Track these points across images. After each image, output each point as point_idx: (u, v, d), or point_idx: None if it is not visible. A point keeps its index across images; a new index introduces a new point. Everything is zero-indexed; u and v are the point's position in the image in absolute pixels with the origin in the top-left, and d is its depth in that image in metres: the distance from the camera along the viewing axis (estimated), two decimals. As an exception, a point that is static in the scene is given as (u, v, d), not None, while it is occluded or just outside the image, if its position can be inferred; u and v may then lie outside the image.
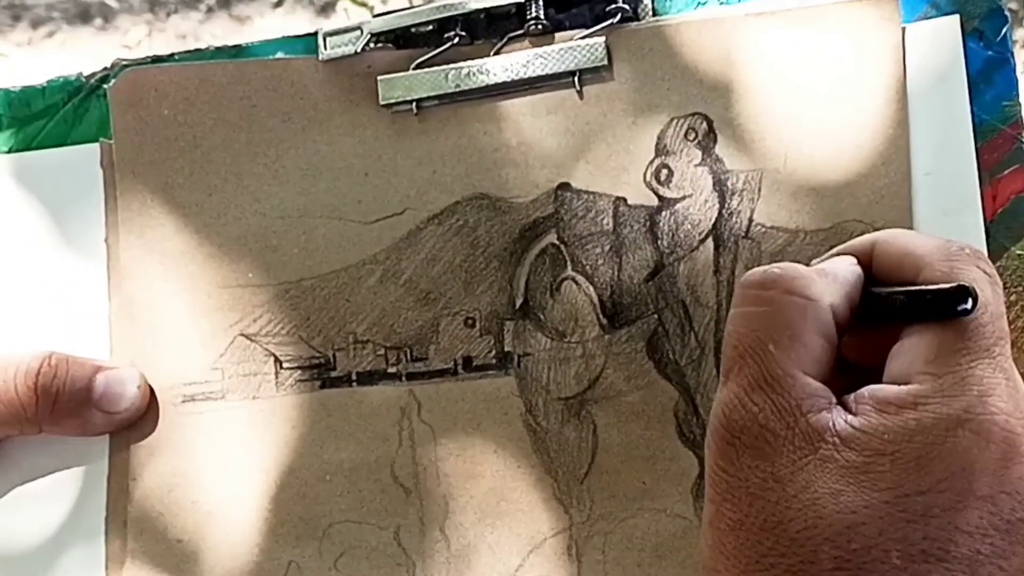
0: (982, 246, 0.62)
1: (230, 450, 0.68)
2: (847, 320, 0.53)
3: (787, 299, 0.51)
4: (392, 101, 0.69)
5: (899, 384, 0.50)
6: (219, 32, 1.83)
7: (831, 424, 0.49)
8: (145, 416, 0.69)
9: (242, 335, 0.69)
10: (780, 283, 0.52)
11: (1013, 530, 0.48)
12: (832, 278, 0.53)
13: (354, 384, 0.68)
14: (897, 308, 0.52)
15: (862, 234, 0.61)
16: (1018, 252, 0.63)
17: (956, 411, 0.48)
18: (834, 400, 0.50)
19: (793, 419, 0.49)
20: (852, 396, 0.50)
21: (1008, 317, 0.57)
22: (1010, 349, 0.51)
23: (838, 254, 0.56)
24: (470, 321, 0.67)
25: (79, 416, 0.67)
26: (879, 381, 0.51)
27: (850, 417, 0.49)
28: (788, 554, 0.48)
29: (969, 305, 0.49)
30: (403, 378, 0.67)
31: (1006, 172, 0.64)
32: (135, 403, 0.68)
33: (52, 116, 0.73)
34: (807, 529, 0.48)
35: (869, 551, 0.47)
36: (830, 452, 0.49)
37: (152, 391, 0.69)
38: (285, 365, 0.68)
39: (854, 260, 0.55)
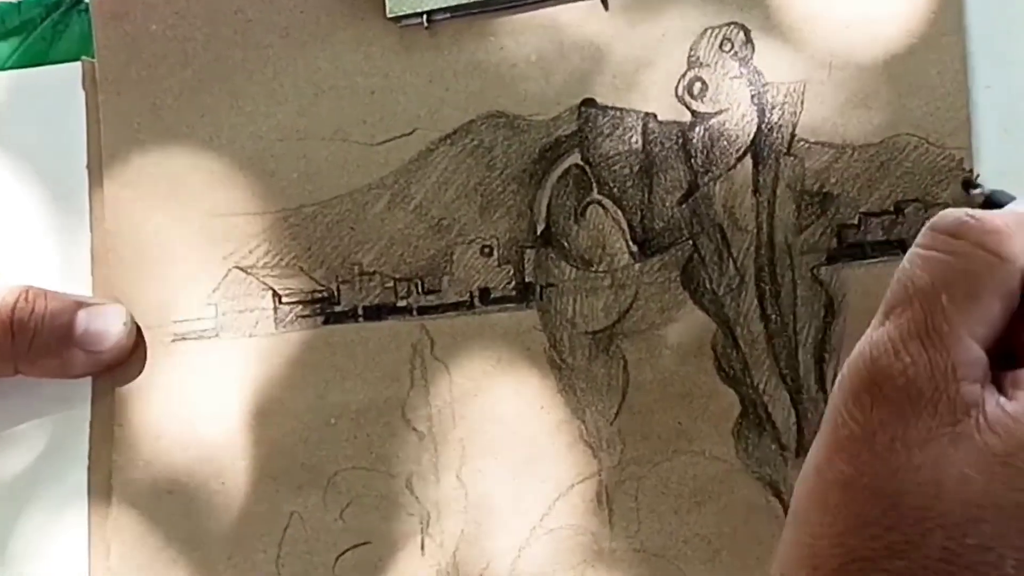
0: None
1: (225, 392, 0.65)
2: None
3: (975, 253, 0.46)
4: (400, 13, 0.65)
5: None
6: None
7: (981, 400, 0.45)
8: (131, 356, 0.66)
9: (237, 267, 0.66)
10: (972, 234, 0.47)
11: None
12: None
13: (360, 319, 0.64)
14: None
15: (915, 148, 0.59)
16: (1085, 173, 0.59)
17: None
18: (990, 373, 0.46)
19: (944, 382, 0.45)
20: (1011, 375, 0.46)
21: None
22: None
23: None
24: (487, 249, 0.64)
25: (59, 356, 0.64)
26: None
27: (1003, 399, 0.45)
28: (895, 529, 0.44)
29: None
30: (414, 312, 0.64)
31: (1074, 83, 0.60)
32: (120, 341, 0.65)
33: (29, 33, 0.70)
34: (922, 509, 0.44)
35: (984, 551, 0.43)
36: (971, 430, 0.44)
37: (139, 329, 0.66)
38: (284, 300, 0.65)
39: None
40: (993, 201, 0.56)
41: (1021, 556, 0.43)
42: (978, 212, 0.48)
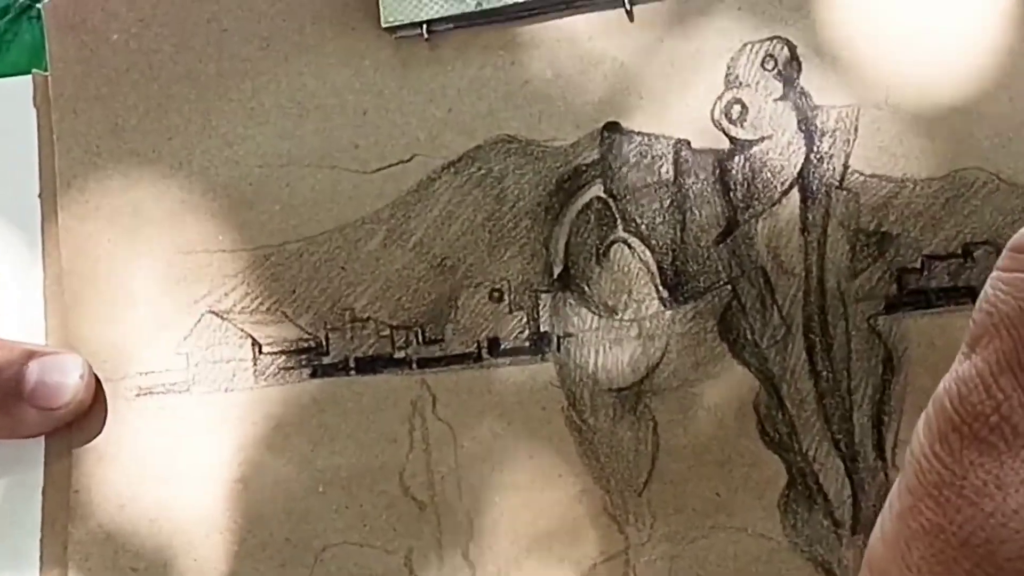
0: None
1: (197, 455, 0.60)
2: None
3: None
4: (397, 23, 0.61)
5: None
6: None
7: None
8: (90, 413, 0.61)
9: (211, 312, 0.61)
10: None
11: None
12: None
13: (352, 372, 0.60)
14: None
15: (984, 184, 0.57)
16: None
17: None
18: None
19: None
20: None
21: None
22: None
23: None
24: (496, 294, 0.60)
25: (7, 413, 0.60)
26: None
27: None
28: None
29: None
30: (413, 365, 0.60)
31: None
32: (77, 396, 0.60)
33: None
34: (1021, 559, 0.41)
35: None
36: None
37: (99, 382, 0.61)
38: (265, 349, 0.61)
39: None
40: None
41: None
42: None
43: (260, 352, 0.60)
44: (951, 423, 0.43)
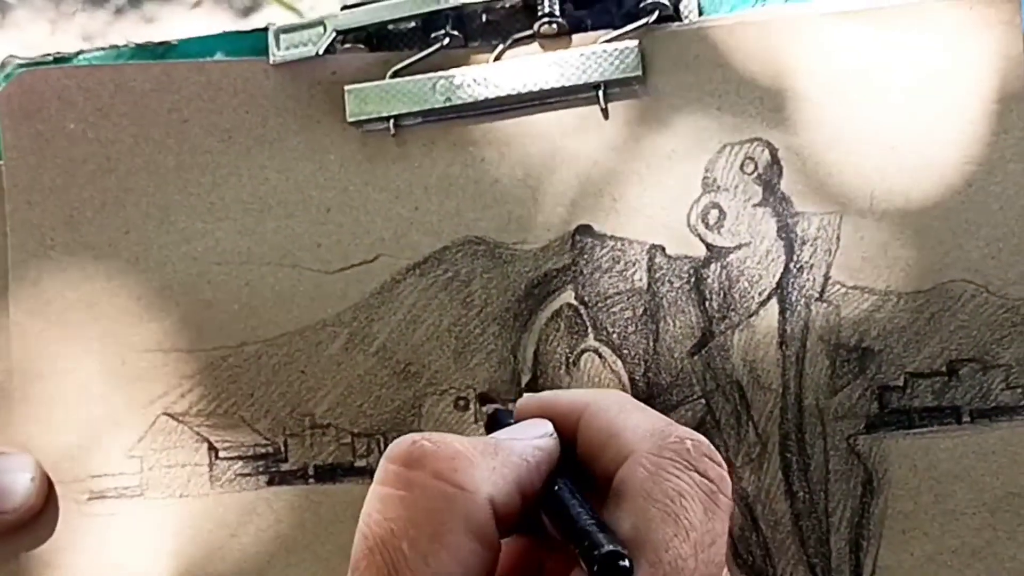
0: None
1: (149, 562, 0.58)
2: (517, 512, 0.45)
3: (433, 485, 0.44)
4: (363, 117, 0.60)
5: None
6: (131, 33, 1.71)
7: None
8: (41, 517, 0.59)
9: (167, 414, 0.59)
10: (428, 462, 0.44)
11: None
12: (503, 460, 0.45)
13: (311, 481, 0.59)
14: (565, 528, 0.45)
15: (972, 297, 0.55)
16: None
17: None
18: None
19: None
20: None
21: None
22: None
23: (543, 412, 0.49)
24: (462, 402, 0.58)
25: None
26: None
27: None
28: None
29: (628, 565, 0.41)
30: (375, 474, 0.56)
31: None
32: (28, 500, 0.58)
33: None
34: None
35: None
36: None
37: (51, 484, 0.60)
38: (222, 454, 0.59)
39: (550, 430, 0.47)
40: (497, 420, 0.52)
41: None
42: (435, 436, 0.45)
43: (216, 457, 0.59)
44: None
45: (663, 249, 0.57)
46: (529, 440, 0.46)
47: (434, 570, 0.42)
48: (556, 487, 0.46)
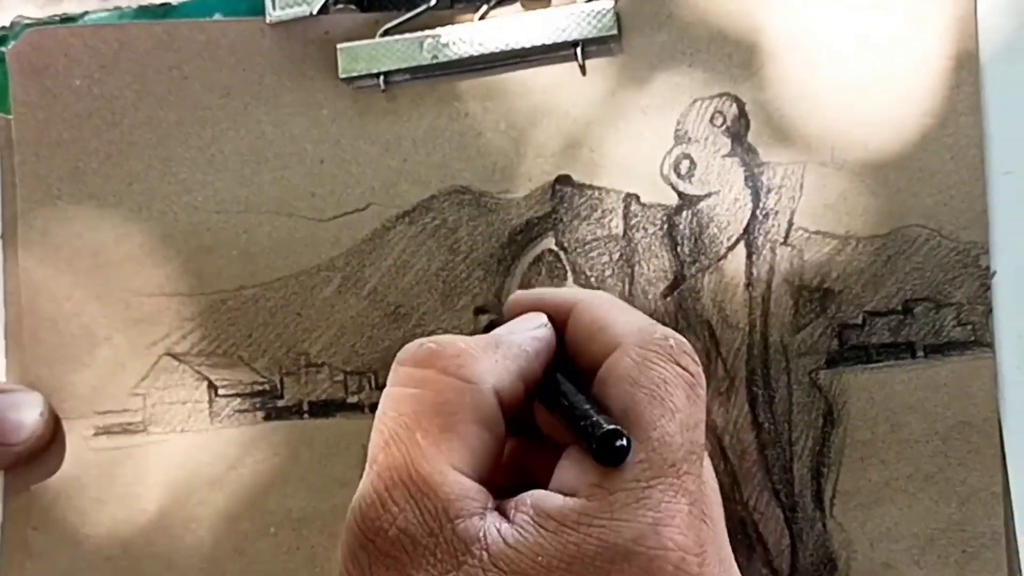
0: None
1: (153, 494, 0.60)
2: (521, 400, 0.49)
3: (442, 381, 0.47)
4: (354, 74, 0.61)
5: (566, 494, 0.45)
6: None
7: (481, 534, 0.44)
8: (49, 451, 0.61)
9: (168, 354, 0.61)
10: (436, 360, 0.47)
11: None
12: (504, 352, 0.48)
13: (306, 416, 0.60)
14: (564, 412, 0.48)
15: (926, 241, 0.57)
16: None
17: (624, 541, 0.43)
18: (491, 503, 0.45)
19: (438, 525, 0.44)
20: (514, 501, 0.46)
21: None
22: (701, 465, 0.46)
23: (535, 307, 0.52)
24: None
25: None
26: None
27: (505, 527, 0.44)
28: None
29: (625, 443, 0.44)
30: (366, 410, 0.60)
31: (1099, 170, 0.57)
32: (36, 433, 0.60)
33: None
34: None
35: None
36: (475, 570, 0.43)
37: (58, 421, 0.61)
38: (221, 392, 0.60)
39: (543, 321, 0.51)
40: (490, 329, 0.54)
41: None
42: (441, 337, 0.48)
43: (216, 395, 0.60)
44: (358, 540, 0.45)
45: (638, 197, 0.59)
46: (527, 332, 0.49)
47: (447, 457, 0.45)
48: (554, 376, 0.48)
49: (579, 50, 0.59)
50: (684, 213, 0.59)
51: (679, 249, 0.58)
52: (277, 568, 0.59)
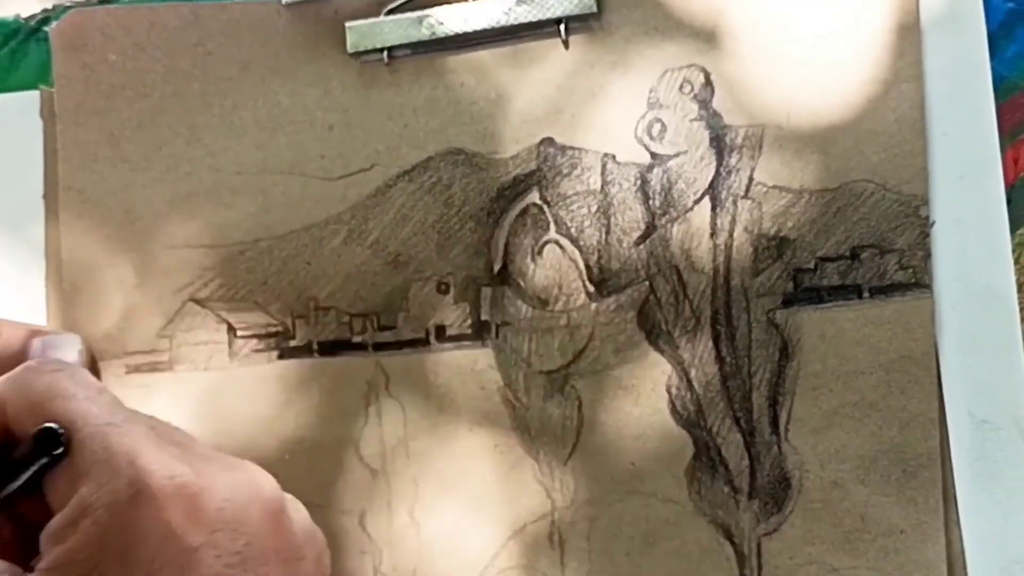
0: (1001, 214, 0.60)
1: (179, 425, 0.60)
2: None
3: None
4: (361, 50, 0.64)
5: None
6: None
7: None
8: None
9: (192, 300, 0.65)
10: None
11: (247, 556, 0.47)
12: None
13: (315, 355, 0.64)
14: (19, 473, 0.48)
15: (872, 194, 0.60)
16: (1041, 219, 0.60)
17: (121, 488, 0.46)
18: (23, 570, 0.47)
19: None
20: (42, 537, 0.47)
21: None
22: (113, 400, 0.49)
23: None
24: (443, 287, 0.63)
25: None
26: None
27: (39, 567, 0.46)
28: None
29: (62, 439, 0.47)
30: (370, 348, 0.63)
31: (1027, 133, 0.60)
32: None
33: None
34: None
35: None
36: None
37: (94, 360, 0.65)
38: (240, 333, 0.64)
39: None
40: None
41: None
42: None
43: (235, 336, 0.64)
44: None
45: (614, 157, 0.62)
46: None
47: None
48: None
49: (562, 27, 0.63)
50: (655, 171, 0.62)
51: (650, 203, 0.62)
52: (290, 488, 0.58)
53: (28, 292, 0.66)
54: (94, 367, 0.64)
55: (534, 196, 0.63)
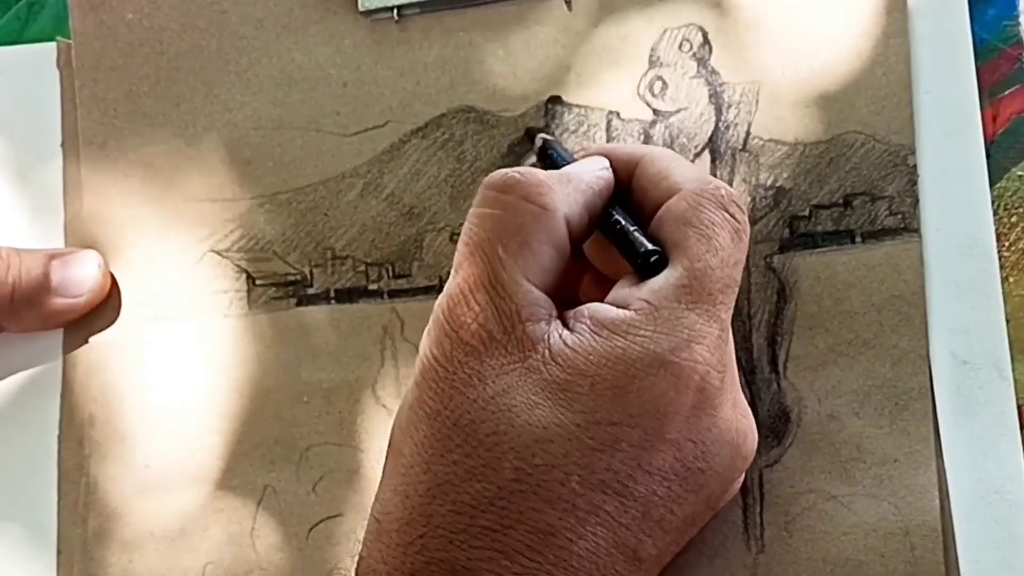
0: (981, 167, 0.62)
1: (201, 371, 0.65)
2: (585, 229, 0.54)
3: (522, 205, 0.52)
4: (372, 8, 0.66)
5: (619, 307, 0.50)
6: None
7: (545, 336, 0.50)
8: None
9: (212, 251, 0.66)
10: (518, 188, 0.52)
11: (691, 477, 0.50)
12: (574, 187, 0.53)
13: (332, 302, 0.65)
14: (620, 239, 0.53)
15: (862, 145, 0.61)
16: (1019, 173, 0.62)
17: (662, 350, 0.49)
18: (555, 312, 0.51)
19: (511, 324, 0.50)
20: (573, 312, 0.51)
21: (1008, 240, 0.60)
22: (734, 299, 0.52)
23: (603, 152, 0.56)
24: (456, 236, 0.62)
25: (40, 306, 0.65)
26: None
27: (565, 333, 0.50)
28: (473, 455, 0.49)
29: (658, 258, 0.52)
30: (385, 295, 0.65)
31: (1007, 92, 0.63)
32: (97, 283, 0.65)
33: (3, 13, 0.70)
34: (496, 434, 0.49)
35: (550, 470, 0.48)
36: (537, 363, 0.49)
37: (113, 278, 0.67)
38: (258, 282, 0.66)
39: (606, 164, 0.56)
40: (545, 148, 0.61)
41: (584, 473, 0.48)
42: (523, 169, 0.53)
43: (254, 284, 0.65)
44: (443, 330, 0.51)
45: (618, 114, 0.64)
46: (593, 172, 0.55)
47: (522, 269, 0.51)
48: (612, 209, 0.54)
49: None
50: (658, 126, 0.64)
51: None
52: (309, 430, 0.63)
53: (47, 239, 0.67)
54: (113, 284, 0.67)
55: (543, 152, 0.65)
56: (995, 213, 0.62)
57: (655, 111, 0.65)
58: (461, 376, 0.50)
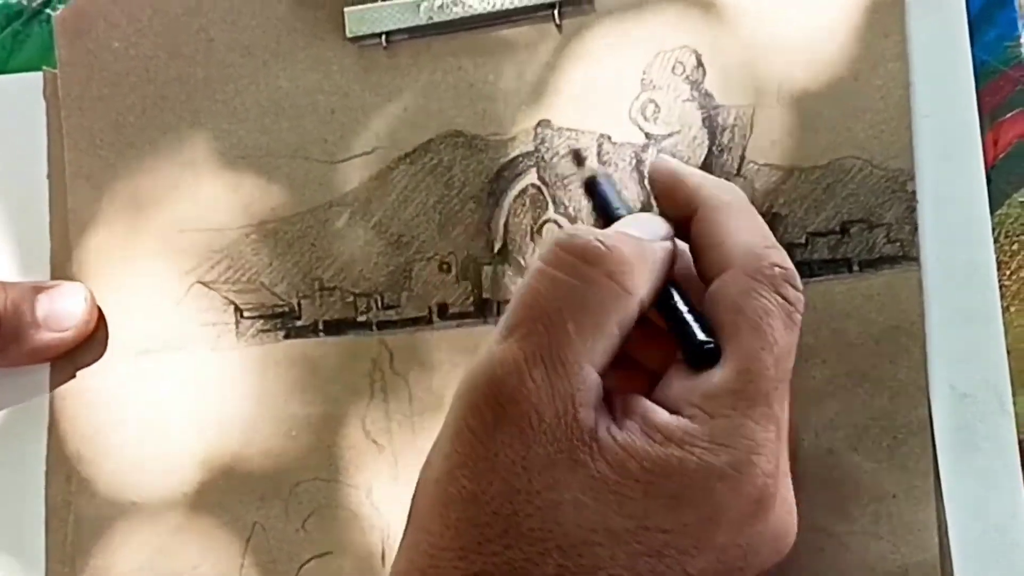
0: (982, 193, 0.61)
1: (189, 405, 0.65)
2: (648, 307, 0.51)
3: (605, 283, 0.48)
4: (360, 34, 0.66)
5: (670, 410, 0.48)
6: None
7: (594, 426, 0.47)
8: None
9: (200, 282, 0.66)
10: (603, 263, 0.49)
11: (727, 574, 0.48)
12: (650, 267, 0.50)
13: (321, 334, 0.65)
14: (676, 323, 0.51)
15: (860, 170, 0.60)
16: (1020, 199, 0.61)
17: (721, 464, 0.47)
18: (602, 395, 0.48)
19: (564, 408, 0.47)
20: (620, 401, 0.49)
21: (1009, 268, 0.59)
22: (788, 387, 0.50)
23: (670, 189, 0.54)
24: (445, 266, 0.64)
25: (26, 340, 0.64)
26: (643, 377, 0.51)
27: (614, 428, 0.47)
28: (514, 547, 0.46)
29: (713, 348, 0.49)
30: (374, 327, 0.64)
31: (1008, 115, 0.62)
32: (84, 317, 0.65)
33: None
34: (541, 531, 0.46)
35: (595, 571, 0.46)
36: (585, 457, 0.46)
37: (100, 312, 0.66)
38: (246, 314, 0.65)
39: (669, 231, 0.52)
40: (593, 184, 0.59)
41: (628, 574, 0.46)
42: (608, 239, 0.49)
43: (242, 317, 0.65)
44: (487, 400, 0.47)
45: (609, 137, 0.63)
46: (661, 245, 0.51)
47: (588, 352, 0.47)
48: (671, 287, 0.51)
49: (556, 11, 0.64)
50: (650, 150, 0.63)
51: (646, 182, 0.62)
52: (299, 466, 0.63)
53: (32, 271, 0.67)
54: (100, 317, 0.66)
55: (532, 176, 0.64)
56: (996, 240, 0.60)
57: (647, 134, 0.64)
58: (503, 460, 0.46)
